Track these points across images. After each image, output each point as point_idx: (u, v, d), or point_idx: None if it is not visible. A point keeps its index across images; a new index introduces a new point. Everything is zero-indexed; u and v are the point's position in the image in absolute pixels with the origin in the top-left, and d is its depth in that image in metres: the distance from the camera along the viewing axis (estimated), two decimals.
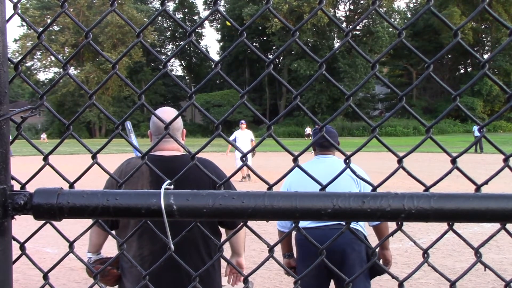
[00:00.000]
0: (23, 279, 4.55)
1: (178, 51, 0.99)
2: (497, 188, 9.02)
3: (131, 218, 0.75)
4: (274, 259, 0.82)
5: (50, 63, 52.61)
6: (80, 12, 49.71)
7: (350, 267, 2.53)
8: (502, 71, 45.45)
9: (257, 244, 5.71)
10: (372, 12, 0.76)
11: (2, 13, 0.75)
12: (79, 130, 47.68)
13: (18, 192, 0.75)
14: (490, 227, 6.19)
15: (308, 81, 0.81)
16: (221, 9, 0.80)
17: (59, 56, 0.97)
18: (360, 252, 2.59)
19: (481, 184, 0.73)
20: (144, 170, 1.88)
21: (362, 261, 2.59)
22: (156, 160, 1.91)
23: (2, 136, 0.74)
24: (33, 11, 48.00)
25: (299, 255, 2.84)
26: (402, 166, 0.77)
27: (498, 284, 4.34)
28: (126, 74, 49.12)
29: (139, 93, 0.84)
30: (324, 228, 2.59)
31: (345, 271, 2.53)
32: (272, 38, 48.17)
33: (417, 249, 2.84)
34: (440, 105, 46.14)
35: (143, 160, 0.83)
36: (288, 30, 4.19)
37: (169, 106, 40.28)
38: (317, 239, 2.23)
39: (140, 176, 1.89)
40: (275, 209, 0.71)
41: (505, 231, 0.77)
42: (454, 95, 0.76)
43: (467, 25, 40.03)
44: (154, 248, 1.86)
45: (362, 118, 0.80)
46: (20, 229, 1.48)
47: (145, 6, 59.05)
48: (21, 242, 0.86)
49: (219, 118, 0.83)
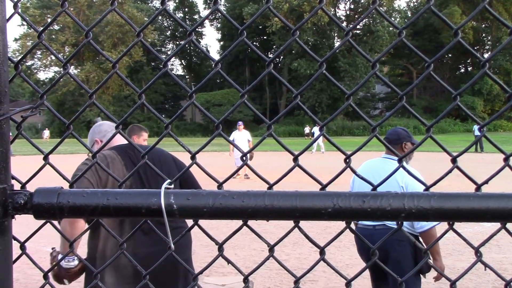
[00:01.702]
0: (23, 279, 4.55)
1: (178, 50, 0.99)
2: (497, 187, 9.00)
3: (131, 217, 0.75)
4: (274, 258, 0.82)
5: (50, 63, 52.58)
6: (81, 11, 49.68)
7: (392, 266, 2.63)
8: (502, 70, 45.40)
9: (257, 243, 5.71)
10: (372, 11, 0.76)
11: (2, 12, 0.75)
12: (79, 129, 47.60)
13: (18, 192, 0.75)
14: (491, 227, 6.19)
15: (308, 80, 0.81)
16: (221, 8, 0.80)
17: (60, 55, 0.97)
18: (401, 251, 2.68)
19: (481, 184, 0.73)
20: (114, 157, 2.10)
21: (406, 258, 2.67)
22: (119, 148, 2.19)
23: (3, 136, 0.74)
24: (34, 10, 47.95)
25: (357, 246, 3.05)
26: (403, 165, 0.77)
27: (498, 284, 4.34)
28: (126, 73, 49.08)
29: (140, 93, 0.84)
30: (370, 228, 2.67)
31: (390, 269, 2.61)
32: (272, 37, 48.13)
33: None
34: (441, 104, 46.11)
35: (143, 160, 0.83)
36: (288, 29, 4.18)
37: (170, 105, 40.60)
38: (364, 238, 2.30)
39: (112, 162, 2.07)
40: (275, 208, 0.71)
41: (505, 231, 0.76)
42: (455, 95, 0.76)
43: (468, 24, 40.00)
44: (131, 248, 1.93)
45: (362, 117, 0.80)
46: (20, 229, 1.49)
47: (145, 5, 58.99)
48: (22, 241, 0.86)
49: (219, 118, 0.83)
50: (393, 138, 2.77)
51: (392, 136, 2.78)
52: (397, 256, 2.68)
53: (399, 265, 2.63)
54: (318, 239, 0.92)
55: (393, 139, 2.77)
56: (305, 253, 5.45)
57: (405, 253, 2.69)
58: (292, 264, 4.97)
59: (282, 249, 5.52)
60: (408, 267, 2.61)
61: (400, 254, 2.68)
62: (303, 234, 0.80)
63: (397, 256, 2.68)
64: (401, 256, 2.68)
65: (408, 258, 2.69)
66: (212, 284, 4.20)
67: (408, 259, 2.68)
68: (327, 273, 4.63)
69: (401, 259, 2.68)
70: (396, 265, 2.63)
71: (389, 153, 2.85)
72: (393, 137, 2.78)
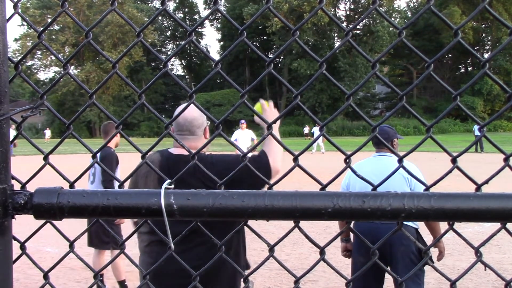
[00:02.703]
0: (23, 279, 4.55)
1: (178, 51, 0.99)
2: (497, 187, 9.01)
3: (131, 217, 0.75)
4: (274, 258, 0.82)
5: (50, 63, 52.57)
6: (81, 11, 49.68)
7: (399, 260, 2.72)
8: (502, 70, 45.40)
9: (258, 243, 5.71)
10: (372, 12, 0.76)
11: (3, 13, 0.75)
12: (79, 129, 47.61)
13: (19, 192, 0.75)
14: (491, 227, 6.19)
15: (308, 81, 0.81)
16: (221, 8, 0.80)
17: (60, 56, 0.97)
18: (408, 246, 2.75)
19: (481, 184, 0.73)
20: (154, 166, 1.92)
21: (411, 253, 2.76)
22: (165, 158, 1.94)
23: (3, 136, 0.74)
24: (34, 10, 47.94)
25: (355, 242, 3.04)
26: (403, 165, 0.77)
27: (498, 284, 4.34)
28: (127, 73, 49.08)
29: (140, 93, 0.84)
30: (376, 222, 2.69)
31: (394, 264, 2.74)
32: (272, 38, 48.11)
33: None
34: (441, 104, 46.10)
35: (143, 160, 0.83)
36: (288, 29, 4.20)
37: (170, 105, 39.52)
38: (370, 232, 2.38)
39: (149, 172, 1.92)
40: (275, 208, 0.71)
41: (505, 231, 0.77)
42: (455, 95, 0.76)
43: (468, 24, 39.99)
44: None
45: (362, 117, 0.80)
46: (20, 229, 1.49)
47: (145, 5, 59.00)
48: (22, 241, 0.86)
49: (219, 118, 0.83)
50: (384, 137, 2.96)
51: (383, 135, 2.97)
52: (405, 250, 2.76)
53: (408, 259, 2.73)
54: (318, 239, 0.92)
55: (384, 138, 2.95)
56: (305, 253, 5.45)
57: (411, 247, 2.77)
58: (292, 264, 4.97)
59: (282, 249, 5.53)
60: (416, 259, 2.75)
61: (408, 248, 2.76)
62: (303, 234, 0.80)
63: (405, 250, 2.76)
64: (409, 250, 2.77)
65: (414, 252, 2.78)
66: None
67: (414, 252, 2.78)
68: (327, 273, 4.63)
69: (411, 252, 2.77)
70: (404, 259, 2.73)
71: (380, 151, 2.99)
72: (384, 136, 2.97)
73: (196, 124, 1.99)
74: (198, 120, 2.00)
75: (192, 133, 1.98)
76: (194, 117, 1.98)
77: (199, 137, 2.01)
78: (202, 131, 2.03)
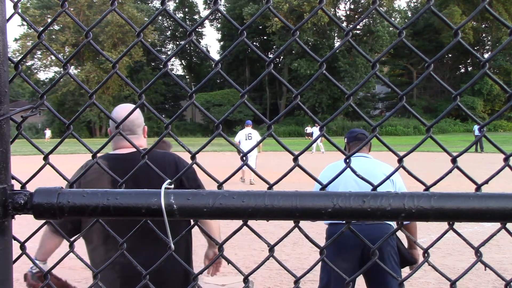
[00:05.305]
0: (23, 279, 4.54)
1: (178, 51, 0.99)
2: (497, 187, 9.01)
3: (131, 217, 0.75)
4: (274, 258, 0.82)
5: (50, 63, 52.54)
6: (81, 11, 49.66)
7: (385, 259, 2.74)
8: (502, 70, 45.39)
9: (258, 243, 5.71)
10: (372, 12, 0.76)
11: (3, 13, 0.75)
12: (79, 129, 47.60)
13: (19, 192, 0.75)
14: (491, 227, 6.19)
15: (308, 81, 0.81)
16: (221, 8, 0.80)
17: (60, 56, 0.97)
18: (393, 246, 2.81)
19: (481, 184, 0.73)
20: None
21: (394, 253, 2.82)
22: (113, 159, 1.97)
23: (3, 136, 0.74)
24: (34, 10, 47.92)
25: (333, 247, 2.84)
26: (403, 165, 0.77)
27: (498, 284, 4.34)
28: (127, 73, 49.06)
29: (140, 93, 0.84)
30: (360, 224, 2.70)
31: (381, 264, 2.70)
32: (272, 38, 48.11)
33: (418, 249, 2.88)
34: (441, 104, 46.10)
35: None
36: (288, 29, 4.19)
37: (170, 105, 39.41)
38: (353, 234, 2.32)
39: (101, 176, 1.91)
40: (275, 208, 0.71)
41: (505, 231, 0.77)
42: (455, 95, 0.76)
43: (468, 24, 39.99)
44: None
45: (362, 117, 0.80)
46: (20, 229, 1.49)
47: (145, 5, 58.96)
48: (22, 241, 0.86)
49: (219, 118, 0.83)
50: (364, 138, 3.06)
51: (364, 136, 3.07)
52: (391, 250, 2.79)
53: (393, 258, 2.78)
54: (318, 239, 0.93)
55: (363, 138, 3.04)
56: (305, 253, 5.45)
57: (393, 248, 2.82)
58: (292, 264, 4.97)
59: (282, 249, 5.52)
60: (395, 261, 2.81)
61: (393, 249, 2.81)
62: (303, 234, 0.80)
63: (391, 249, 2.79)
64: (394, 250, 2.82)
65: (397, 252, 2.84)
66: (212, 284, 4.20)
67: (396, 253, 2.83)
68: None
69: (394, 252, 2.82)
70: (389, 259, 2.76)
71: (361, 152, 3.03)
72: (364, 137, 3.07)
73: (137, 123, 2.07)
74: (138, 120, 2.08)
75: (133, 132, 2.05)
76: (135, 117, 2.06)
77: (140, 136, 2.10)
78: (142, 130, 2.11)
